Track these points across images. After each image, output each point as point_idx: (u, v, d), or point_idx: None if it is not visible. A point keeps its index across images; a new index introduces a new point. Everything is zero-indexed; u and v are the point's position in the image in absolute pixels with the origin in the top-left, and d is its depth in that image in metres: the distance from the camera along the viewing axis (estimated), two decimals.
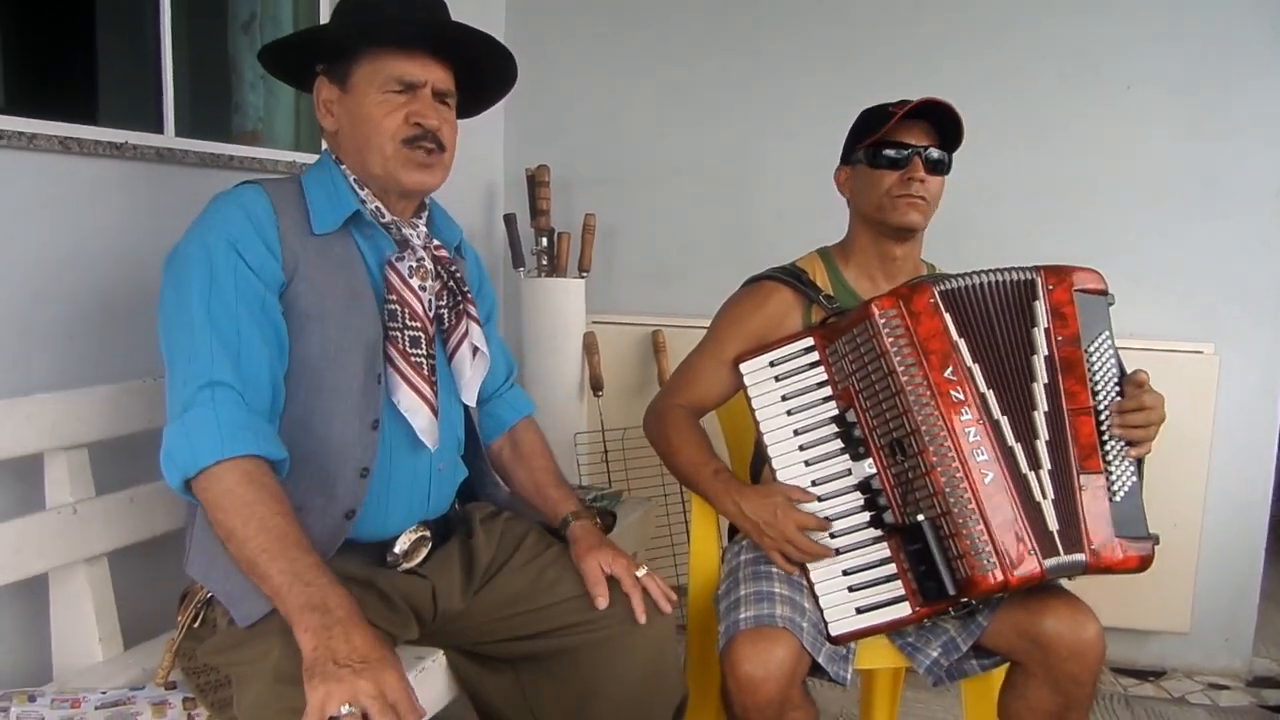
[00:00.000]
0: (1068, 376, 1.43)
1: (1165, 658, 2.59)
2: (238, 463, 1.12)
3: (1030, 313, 1.46)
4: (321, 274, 1.27)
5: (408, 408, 1.30)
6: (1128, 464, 1.42)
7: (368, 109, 1.30)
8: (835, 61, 2.62)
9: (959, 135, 1.60)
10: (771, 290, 1.66)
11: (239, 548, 1.11)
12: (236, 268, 1.20)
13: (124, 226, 1.62)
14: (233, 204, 1.25)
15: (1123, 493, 1.41)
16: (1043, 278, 1.46)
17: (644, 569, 1.40)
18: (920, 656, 1.51)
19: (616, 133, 2.80)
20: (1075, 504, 1.39)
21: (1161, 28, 2.42)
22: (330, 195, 1.32)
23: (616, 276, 2.83)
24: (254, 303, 1.20)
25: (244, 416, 1.15)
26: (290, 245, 1.25)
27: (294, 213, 1.28)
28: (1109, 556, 1.38)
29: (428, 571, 1.35)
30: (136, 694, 1.29)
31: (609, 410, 2.69)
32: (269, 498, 1.12)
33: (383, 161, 1.31)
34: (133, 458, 1.51)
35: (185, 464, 1.12)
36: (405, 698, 1.02)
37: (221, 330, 1.17)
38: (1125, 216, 2.48)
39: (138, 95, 1.76)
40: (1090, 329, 1.45)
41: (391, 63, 1.30)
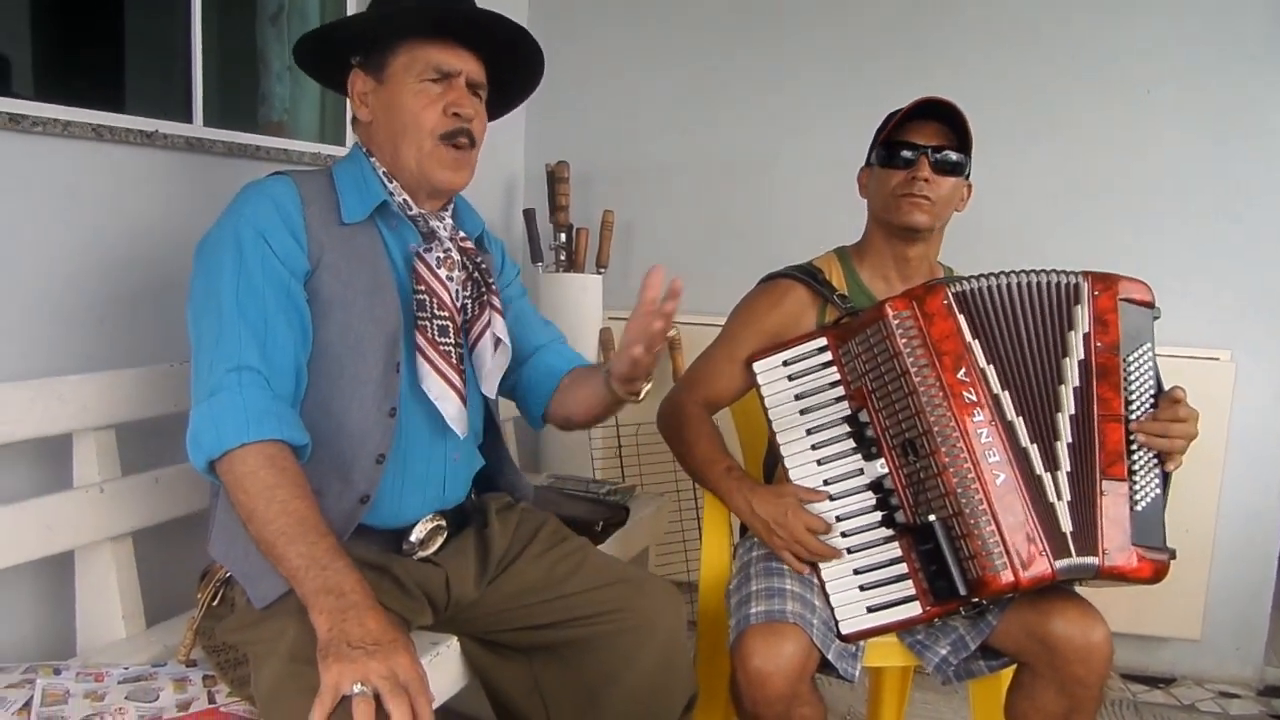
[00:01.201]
0: (1102, 383, 1.43)
1: (1176, 665, 2.59)
2: (261, 446, 1.15)
3: (1068, 316, 1.46)
4: (346, 263, 1.30)
5: (437, 395, 1.32)
6: (1153, 476, 1.42)
7: (404, 99, 1.32)
8: (855, 60, 2.63)
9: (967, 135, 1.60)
10: (787, 289, 1.67)
11: (259, 529, 1.13)
12: (264, 255, 1.23)
13: (153, 213, 1.65)
14: (262, 194, 1.28)
15: (1144, 503, 1.41)
16: (1089, 283, 1.46)
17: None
18: (929, 654, 1.52)
19: (636, 130, 2.82)
20: (1094, 508, 1.39)
21: (1181, 31, 2.41)
22: (359, 186, 1.34)
23: (634, 272, 2.85)
24: (280, 290, 1.23)
25: (268, 401, 1.18)
26: (316, 235, 1.28)
27: (322, 203, 1.31)
28: (1122, 563, 1.38)
29: (442, 560, 1.37)
30: (158, 670, 1.32)
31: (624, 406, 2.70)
32: (290, 481, 1.14)
33: (418, 156, 1.33)
34: (158, 439, 1.54)
35: (210, 446, 1.15)
36: (417, 679, 1.04)
37: (249, 316, 1.20)
38: (1142, 220, 2.48)
39: (167, 85, 1.79)
40: (1132, 339, 1.45)
41: (428, 52, 1.33)
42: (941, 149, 1.58)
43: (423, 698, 1.03)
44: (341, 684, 1.00)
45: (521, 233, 2.80)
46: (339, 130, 2.23)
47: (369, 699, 0.99)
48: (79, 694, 1.23)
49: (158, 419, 1.52)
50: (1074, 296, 1.47)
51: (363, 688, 1.00)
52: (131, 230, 1.62)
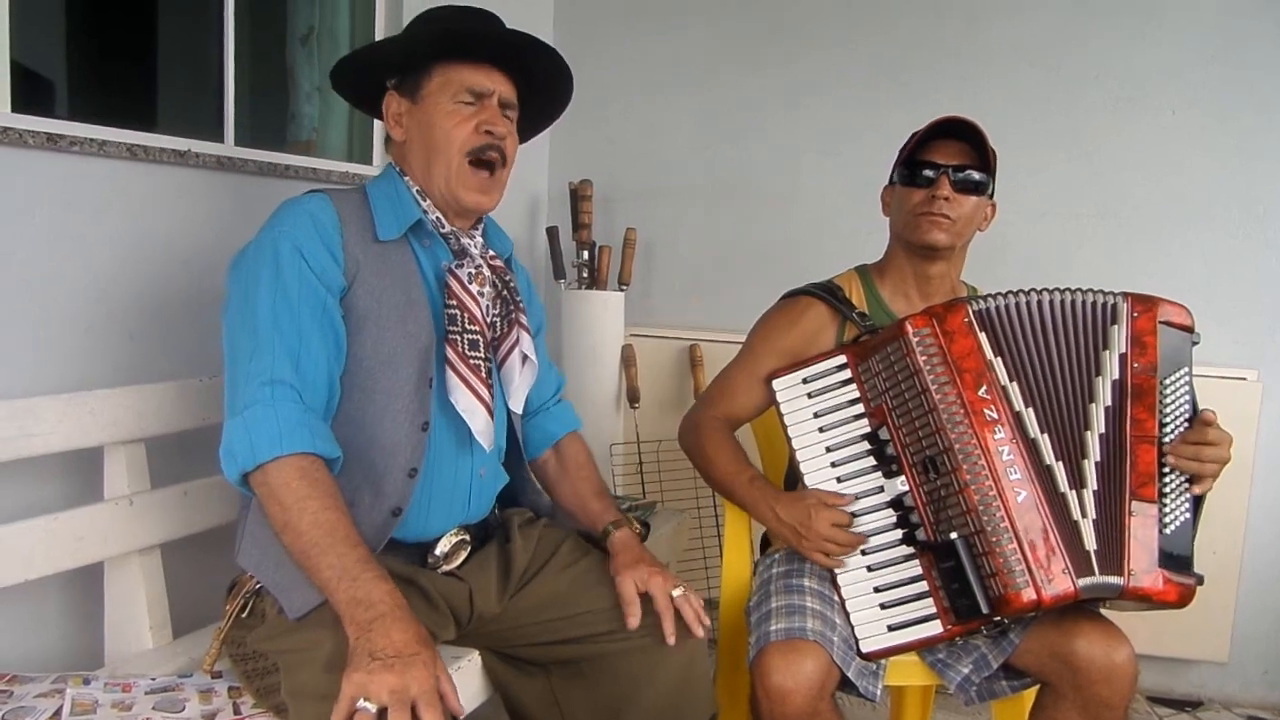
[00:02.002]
0: (1137, 404, 1.42)
1: (1202, 688, 2.55)
2: (294, 459, 1.17)
3: (1104, 335, 1.46)
4: (380, 279, 1.32)
5: (466, 409, 1.34)
6: (1185, 500, 1.41)
7: (438, 118, 1.35)
8: (878, 81, 2.64)
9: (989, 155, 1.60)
10: (807, 305, 1.68)
11: (292, 541, 1.15)
12: (301, 271, 1.25)
13: (185, 231, 1.69)
14: (300, 210, 1.30)
15: (1174, 526, 1.39)
16: (1129, 304, 1.46)
17: (680, 589, 1.38)
18: (951, 673, 1.51)
19: (659, 148, 2.84)
20: (1122, 528, 1.38)
21: (1204, 53, 2.41)
22: (394, 204, 1.37)
23: (656, 290, 2.86)
24: (316, 305, 1.25)
25: (301, 414, 1.20)
26: (352, 252, 1.31)
27: (358, 221, 1.34)
28: (1148, 585, 1.37)
29: (466, 574, 1.39)
30: (184, 681, 1.33)
31: (645, 422, 2.71)
32: (322, 493, 1.16)
33: (446, 174, 1.36)
34: (187, 453, 1.57)
35: (244, 458, 1.17)
36: (430, 693, 1.04)
37: (284, 331, 1.22)
38: (1167, 240, 2.47)
39: (199, 104, 1.83)
40: (1170, 362, 1.44)
41: (463, 74, 1.36)
42: (963, 168, 1.58)
43: (433, 710, 1.03)
44: (356, 695, 1.02)
45: (545, 250, 2.83)
46: (366, 149, 2.27)
47: (369, 716, 1.00)
48: (107, 704, 1.25)
49: (187, 432, 1.55)
50: (1111, 316, 1.46)
51: (367, 704, 1.01)
52: (163, 247, 1.65)
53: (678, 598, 1.37)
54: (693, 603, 1.39)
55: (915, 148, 1.62)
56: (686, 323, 2.80)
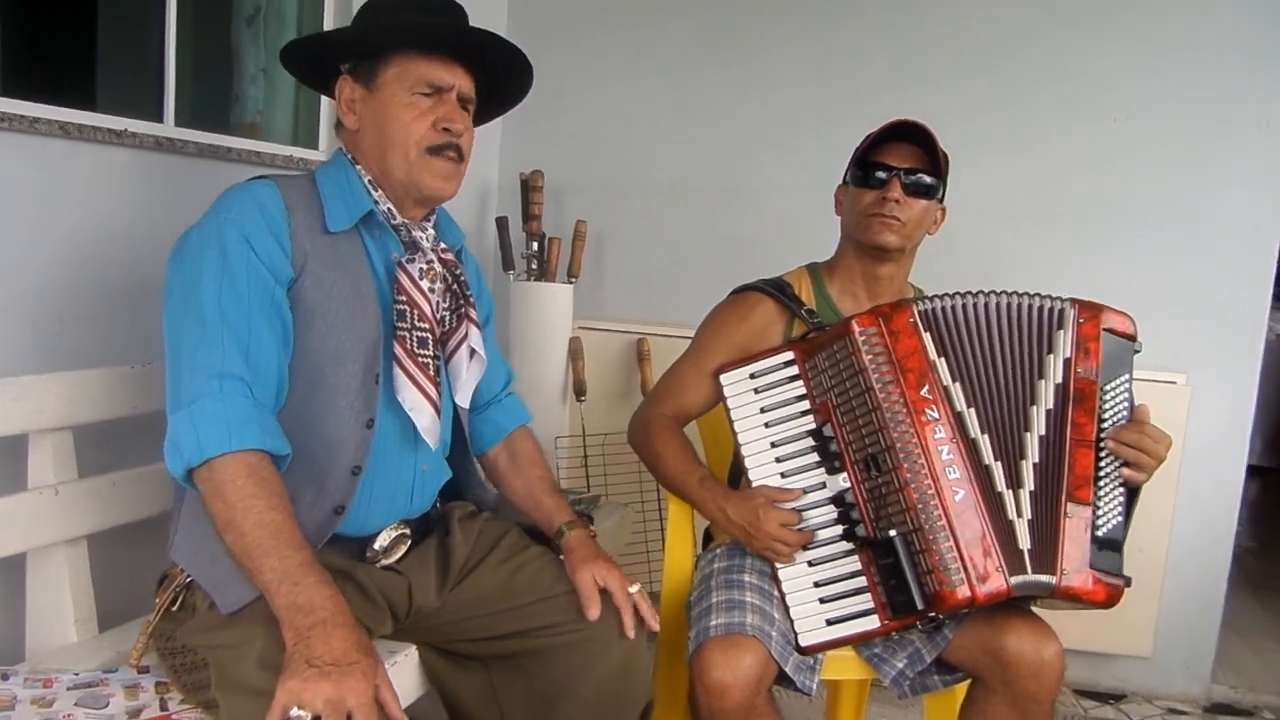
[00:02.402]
0: (1078, 408, 1.45)
1: (1126, 681, 2.63)
2: (242, 455, 1.14)
3: (1049, 339, 1.48)
4: (328, 272, 1.29)
5: (412, 406, 1.32)
6: (1118, 504, 1.44)
7: (395, 110, 1.32)
8: (831, 80, 2.66)
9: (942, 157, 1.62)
10: (756, 301, 1.69)
11: (235, 541, 1.12)
12: (249, 260, 1.21)
13: (121, 213, 1.64)
14: (246, 198, 1.26)
15: (1106, 529, 1.43)
16: (1075, 310, 1.49)
17: (636, 586, 1.42)
18: (886, 667, 1.54)
19: (611, 141, 2.84)
20: (1057, 528, 1.41)
21: (1149, 62, 2.47)
22: (345, 194, 1.34)
23: (605, 283, 2.86)
24: (264, 296, 1.22)
25: (251, 410, 1.17)
26: (300, 242, 1.27)
27: (306, 210, 1.30)
28: (1078, 584, 1.40)
29: (405, 569, 1.37)
30: (109, 676, 1.30)
31: (591, 415, 2.71)
32: (268, 493, 1.13)
33: (405, 165, 1.33)
34: (117, 442, 1.52)
35: (191, 454, 1.13)
36: (365, 707, 1.03)
37: (232, 322, 1.19)
38: (1106, 245, 2.53)
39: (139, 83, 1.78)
40: (1111, 369, 1.47)
41: (421, 66, 1.32)
42: (914, 171, 1.60)
43: None
44: (290, 702, 1.00)
45: (494, 240, 2.80)
46: (313, 134, 2.23)
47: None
48: (26, 700, 1.21)
49: (117, 421, 1.50)
50: (1058, 321, 1.49)
51: (301, 712, 0.99)
52: (97, 230, 1.60)
53: (634, 594, 1.40)
54: (645, 599, 1.42)
55: (869, 149, 1.63)
56: (635, 317, 2.80)
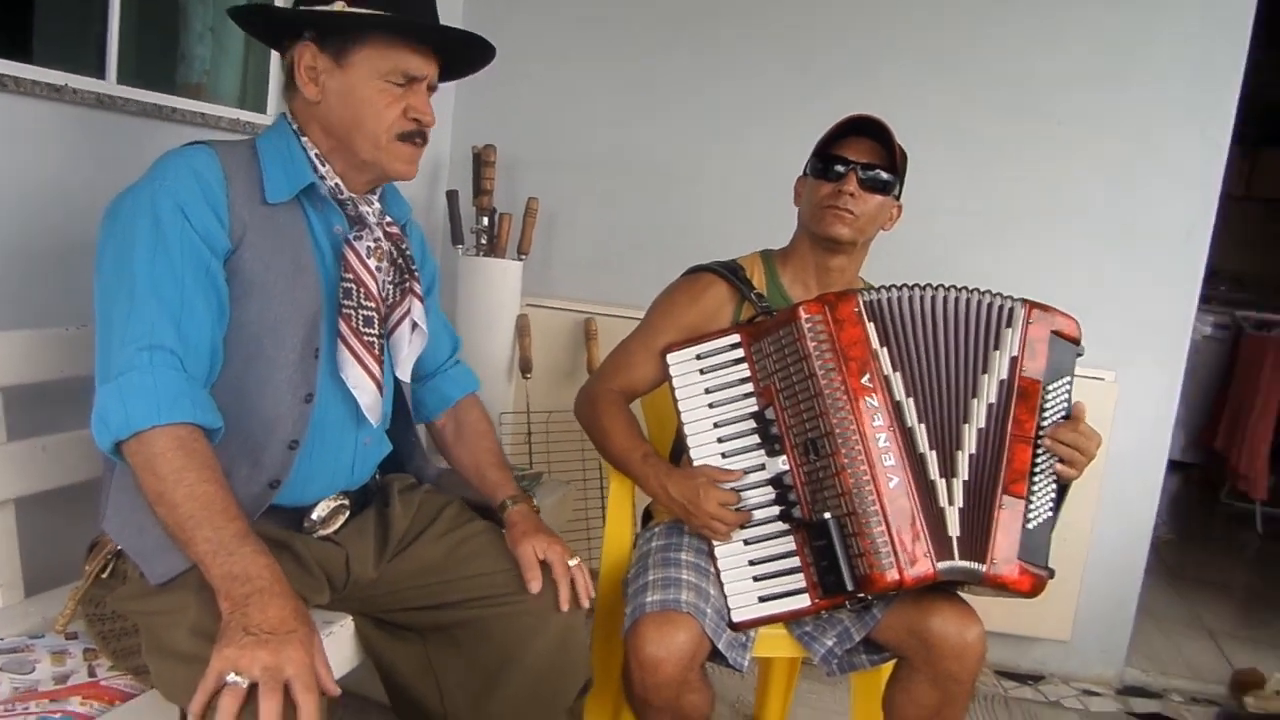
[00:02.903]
0: (1021, 405, 1.49)
1: (1045, 663, 2.73)
2: (171, 429, 1.12)
3: (996, 336, 1.52)
4: (268, 243, 1.26)
5: (356, 384, 1.32)
6: (1049, 499, 1.49)
7: (369, 93, 1.29)
8: (785, 70, 2.68)
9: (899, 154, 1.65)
10: (709, 283, 1.71)
11: (167, 513, 1.11)
12: (184, 231, 1.19)
13: (57, 172, 1.59)
14: (183, 165, 1.23)
15: (1036, 523, 1.48)
16: (1026, 310, 1.52)
17: (575, 559, 1.43)
18: (816, 645, 1.58)
19: (566, 119, 2.82)
20: (991, 519, 1.46)
21: (1094, 70, 2.53)
22: (285, 165, 1.30)
23: (554, 261, 2.85)
24: (199, 267, 1.19)
25: (182, 383, 1.15)
26: (238, 212, 1.24)
27: (245, 179, 1.27)
28: (1006, 574, 1.44)
29: (343, 539, 1.37)
30: (35, 642, 1.28)
31: (536, 392, 2.71)
32: (199, 464, 1.12)
33: (374, 150, 1.31)
34: (48, 406, 1.49)
35: (118, 427, 1.11)
36: (306, 673, 1.02)
37: (164, 294, 1.16)
38: (1041, 243, 2.59)
39: (80, 37, 1.72)
40: (1055, 370, 1.51)
41: (399, 55, 1.29)
42: (872, 166, 1.62)
43: (310, 695, 1.01)
44: (225, 669, 0.99)
45: (443, 214, 2.78)
46: (261, 96, 2.18)
47: (239, 690, 0.98)
48: None
49: (49, 384, 1.46)
50: (1007, 319, 1.52)
51: (237, 678, 0.99)
52: (32, 187, 1.55)
53: (574, 567, 1.42)
54: (584, 574, 1.44)
55: (828, 142, 1.65)
56: (583, 296, 2.80)
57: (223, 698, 0.98)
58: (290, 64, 1.31)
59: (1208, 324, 5.25)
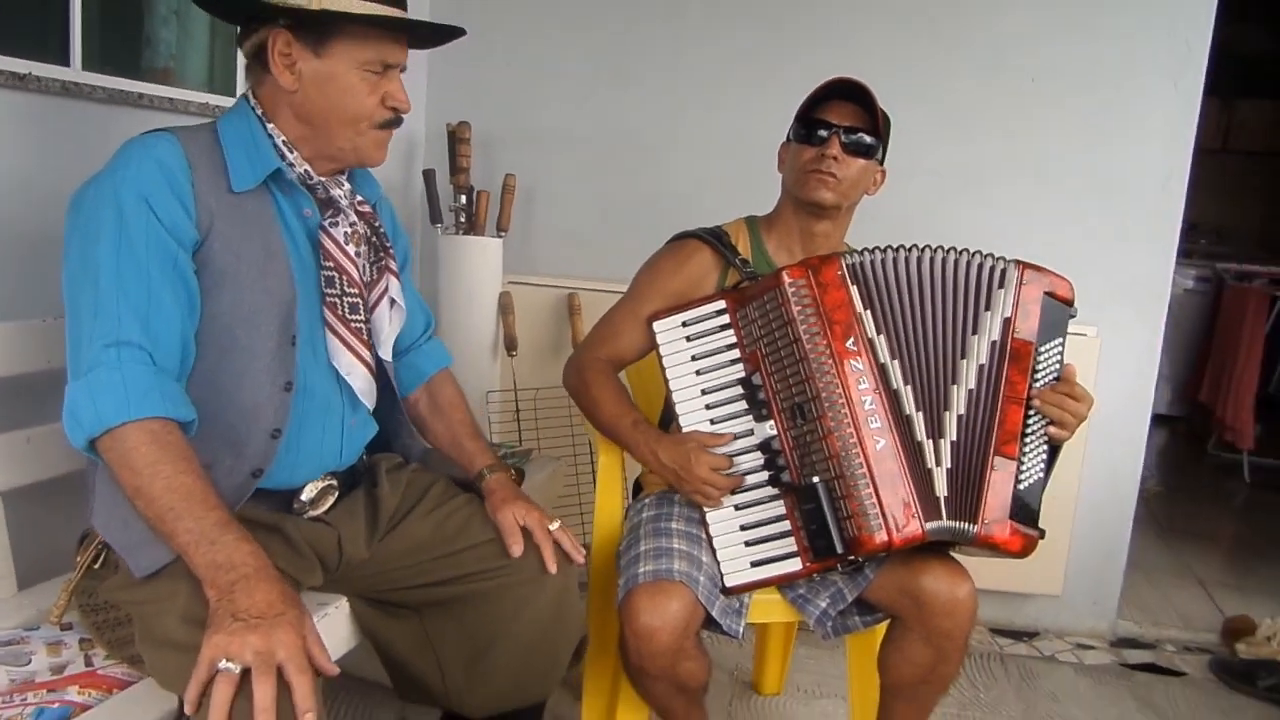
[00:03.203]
0: (1013, 366, 1.49)
1: (1038, 619, 2.77)
2: (144, 423, 1.11)
3: (988, 297, 1.51)
4: (237, 232, 1.25)
5: (348, 370, 1.33)
6: (1041, 460, 1.50)
7: (350, 82, 1.27)
8: (755, 34, 2.65)
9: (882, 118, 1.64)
10: (694, 250, 1.71)
11: (146, 507, 1.10)
12: (148, 223, 1.17)
13: (24, 162, 1.57)
14: (146, 155, 1.20)
15: (1027, 483, 1.48)
16: (1019, 271, 1.52)
17: (556, 523, 1.44)
18: (810, 608, 1.59)
19: (541, 94, 2.80)
20: (982, 480, 1.46)
21: (1064, 25, 2.52)
22: (249, 151, 1.28)
23: (535, 237, 2.84)
24: (165, 260, 1.17)
25: (151, 377, 1.14)
26: (205, 201, 1.22)
27: (209, 166, 1.25)
28: (997, 534, 1.45)
29: (333, 519, 1.37)
30: (30, 634, 1.28)
31: (522, 370, 2.71)
32: (175, 456, 1.11)
33: (354, 139, 1.31)
34: (31, 397, 1.48)
35: (90, 424, 1.11)
36: (298, 655, 1.02)
37: (129, 289, 1.14)
38: (1019, 201, 2.59)
39: (42, 24, 1.69)
40: (1048, 332, 1.51)
41: (378, 45, 1.28)
42: (854, 130, 1.61)
43: (303, 676, 1.01)
44: (216, 656, 0.99)
45: (420, 193, 2.76)
46: (229, 79, 2.15)
47: (232, 676, 0.98)
48: None
49: (29, 375, 1.45)
50: (999, 280, 1.52)
51: (229, 664, 0.99)
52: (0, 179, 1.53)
53: (555, 530, 1.43)
54: (569, 534, 1.45)
55: (811, 106, 1.65)
56: (565, 271, 2.79)
57: (216, 685, 0.98)
58: (258, 47, 1.28)
59: (1189, 277, 5.29)
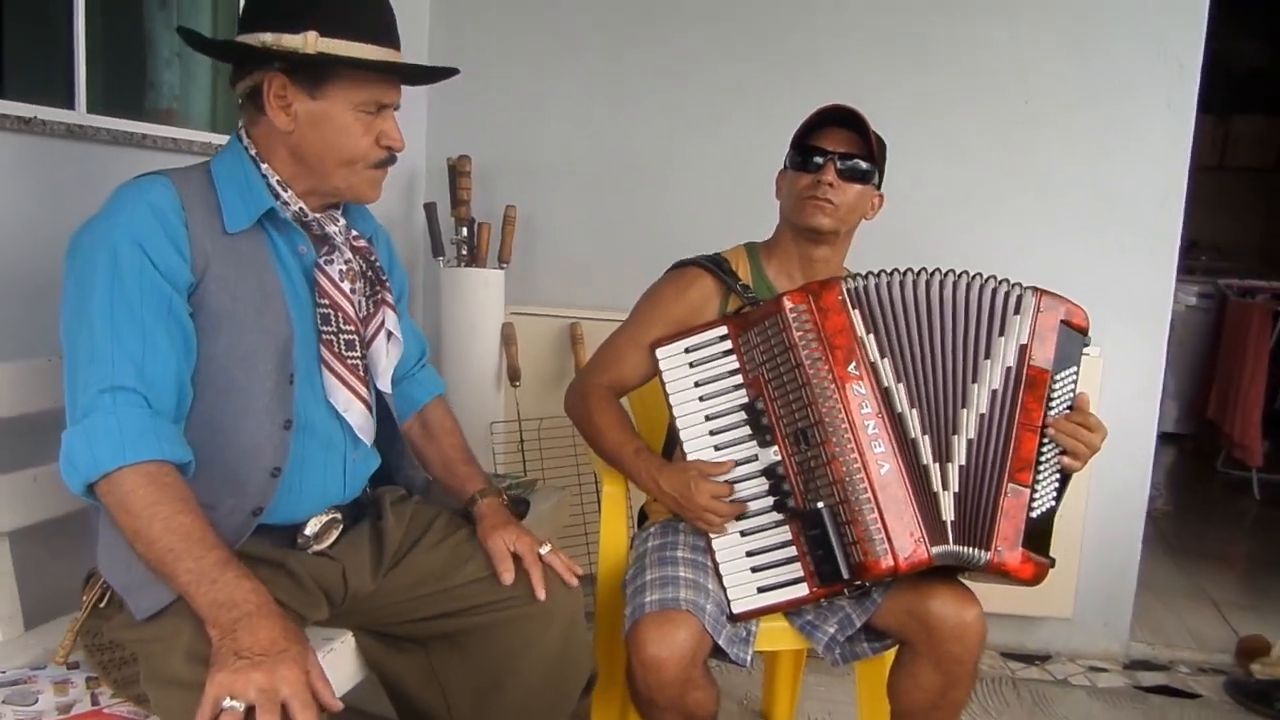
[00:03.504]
0: (1029, 393, 1.48)
1: (1050, 642, 2.74)
2: (140, 466, 1.11)
3: (1002, 322, 1.51)
4: (232, 272, 1.25)
5: (345, 408, 1.33)
6: (1052, 488, 1.50)
7: (346, 123, 1.28)
8: (749, 61, 2.68)
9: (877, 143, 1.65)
10: (695, 277, 1.71)
11: (146, 549, 1.11)
12: (142, 268, 1.17)
13: (32, 204, 1.59)
14: (139, 199, 1.20)
15: (1039, 511, 1.48)
16: (1037, 298, 1.52)
17: (547, 546, 1.43)
18: (818, 634, 1.58)
19: (539, 125, 2.83)
20: (996, 507, 1.46)
21: (1057, 47, 2.55)
22: (243, 192, 1.28)
23: (536, 268, 2.86)
24: (160, 304, 1.18)
25: (146, 421, 1.14)
26: (199, 243, 1.23)
27: (203, 208, 1.25)
28: (1010, 561, 1.45)
29: (338, 553, 1.37)
30: (37, 673, 1.27)
31: (526, 400, 2.71)
32: (172, 497, 1.11)
33: (349, 179, 1.32)
34: (36, 437, 1.48)
35: (86, 469, 1.11)
36: (302, 692, 1.02)
37: (123, 334, 1.15)
38: (1017, 222, 2.60)
39: (47, 68, 1.72)
40: (1063, 360, 1.51)
41: (374, 86, 1.29)
42: (849, 156, 1.62)
43: (308, 712, 1.01)
44: (221, 695, 0.99)
45: (422, 226, 2.78)
46: (232, 119, 2.18)
47: (237, 714, 0.98)
48: None
49: (35, 415, 1.46)
50: (1015, 306, 1.52)
51: (234, 703, 0.99)
52: (6, 220, 1.55)
53: (546, 555, 1.42)
54: (562, 557, 1.44)
55: (805, 134, 1.66)
56: (567, 301, 2.81)
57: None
58: (253, 89, 1.29)
59: (1192, 294, 5.29)
